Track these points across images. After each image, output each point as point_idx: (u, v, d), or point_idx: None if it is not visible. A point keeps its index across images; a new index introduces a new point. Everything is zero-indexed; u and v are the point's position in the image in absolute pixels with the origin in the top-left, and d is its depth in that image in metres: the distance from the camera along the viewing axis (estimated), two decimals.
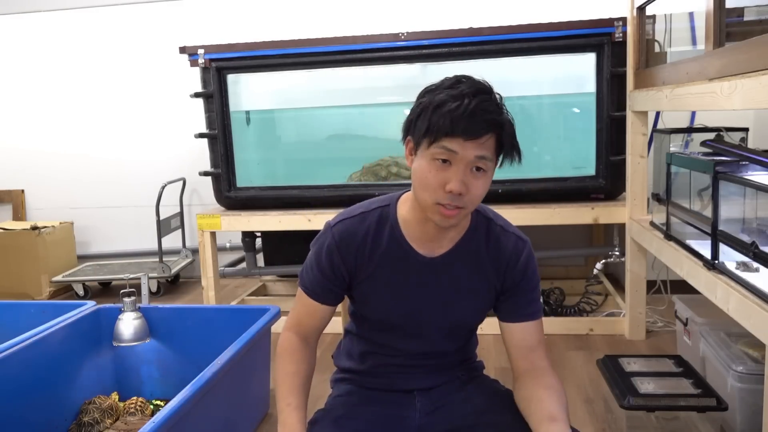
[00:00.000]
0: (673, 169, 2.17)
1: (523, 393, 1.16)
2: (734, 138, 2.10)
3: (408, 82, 3.07)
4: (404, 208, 1.18)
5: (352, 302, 1.28)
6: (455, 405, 1.24)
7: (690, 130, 2.41)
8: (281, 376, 1.19)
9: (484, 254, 1.19)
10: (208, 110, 3.07)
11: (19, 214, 4.21)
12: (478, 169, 1.07)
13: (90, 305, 2.16)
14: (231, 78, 3.06)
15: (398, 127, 1.16)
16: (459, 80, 1.08)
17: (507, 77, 2.96)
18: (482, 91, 1.07)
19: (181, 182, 3.90)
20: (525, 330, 1.20)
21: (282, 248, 3.39)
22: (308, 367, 1.21)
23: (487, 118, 1.04)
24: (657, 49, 2.59)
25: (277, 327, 2.66)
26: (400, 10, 3.61)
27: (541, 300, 1.24)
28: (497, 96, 1.09)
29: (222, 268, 3.35)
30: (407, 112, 1.14)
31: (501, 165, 1.12)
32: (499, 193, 2.87)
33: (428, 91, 1.10)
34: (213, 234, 3.11)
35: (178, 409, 1.39)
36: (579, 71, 2.86)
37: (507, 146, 1.08)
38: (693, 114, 3.13)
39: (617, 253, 2.95)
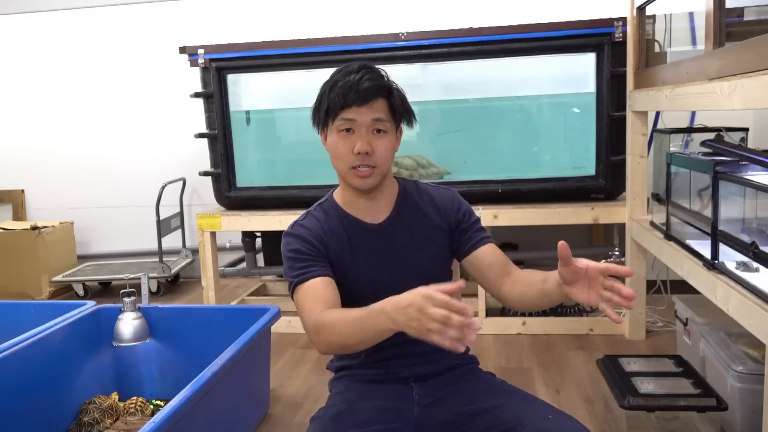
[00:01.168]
0: (673, 169, 2.17)
1: (513, 285, 1.26)
2: (734, 138, 2.10)
3: (408, 82, 3.03)
4: (338, 195, 1.34)
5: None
6: (453, 396, 1.25)
7: (690, 130, 2.41)
8: (344, 314, 1.10)
9: (423, 206, 1.33)
10: (208, 110, 3.07)
11: (19, 214, 4.21)
12: (379, 131, 1.22)
13: (90, 305, 2.16)
14: (231, 78, 3.06)
15: None
16: (347, 65, 1.26)
17: (507, 77, 2.96)
18: (366, 66, 1.23)
19: (181, 182, 3.90)
20: (490, 250, 1.31)
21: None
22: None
23: (372, 85, 1.20)
24: (657, 49, 2.59)
25: (277, 327, 2.68)
26: (400, 10, 3.61)
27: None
28: (382, 71, 1.25)
29: (222, 268, 3.35)
30: None
31: (399, 128, 1.27)
32: (499, 193, 2.87)
33: (324, 82, 1.26)
34: (213, 234, 3.11)
35: (178, 409, 1.39)
36: (579, 71, 2.86)
37: (399, 109, 1.25)
38: (693, 114, 3.13)
39: (617, 253, 2.95)
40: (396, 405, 1.25)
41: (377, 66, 1.26)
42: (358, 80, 1.20)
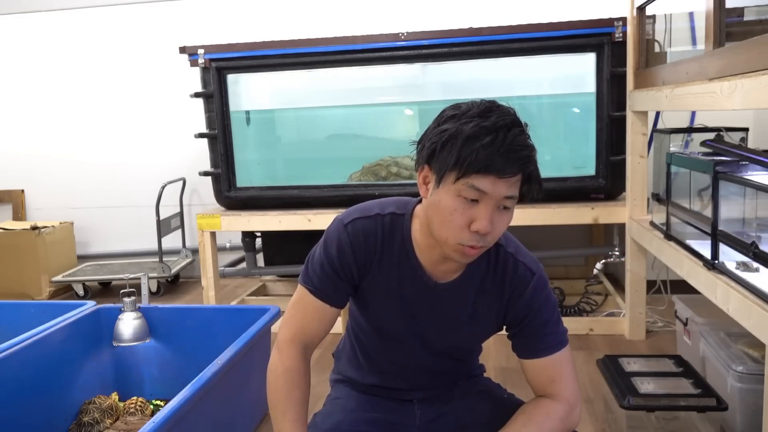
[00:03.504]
0: (673, 169, 2.17)
1: (529, 403, 1.14)
2: (734, 138, 2.10)
3: (408, 82, 3.07)
4: (417, 224, 1.10)
5: (353, 305, 1.24)
6: (458, 413, 1.22)
7: (690, 130, 2.41)
8: (282, 401, 1.09)
9: (489, 282, 1.12)
10: (208, 110, 3.07)
11: (19, 214, 4.21)
12: (505, 207, 1.00)
13: (90, 305, 2.16)
14: (231, 78, 3.06)
15: (398, 126, 1.10)
16: (489, 108, 0.98)
17: (507, 77, 2.96)
18: (515, 123, 0.97)
19: (181, 182, 3.90)
20: (539, 366, 1.12)
21: (282, 248, 3.39)
22: (307, 389, 1.14)
23: (522, 156, 0.96)
24: (657, 49, 2.59)
25: (277, 327, 2.66)
26: (400, 10, 3.60)
27: (559, 330, 1.14)
28: (525, 124, 1.00)
29: (222, 268, 3.35)
30: (408, 111, 1.08)
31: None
32: None
33: (453, 117, 0.99)
34: (213, 234, 3.11)
35: (178, 409, 1.38)
36: (579, 71, 2.86)
37: (534, 182, 1.00)
38: (693, 114, 3.13)
39: (617, 253, 2.95)
40: (397, 419, 1.22)
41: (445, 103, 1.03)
42: (507, 146, 0.94)
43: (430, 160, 1.01)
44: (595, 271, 3.00)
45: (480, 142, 0.94)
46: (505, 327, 1.17)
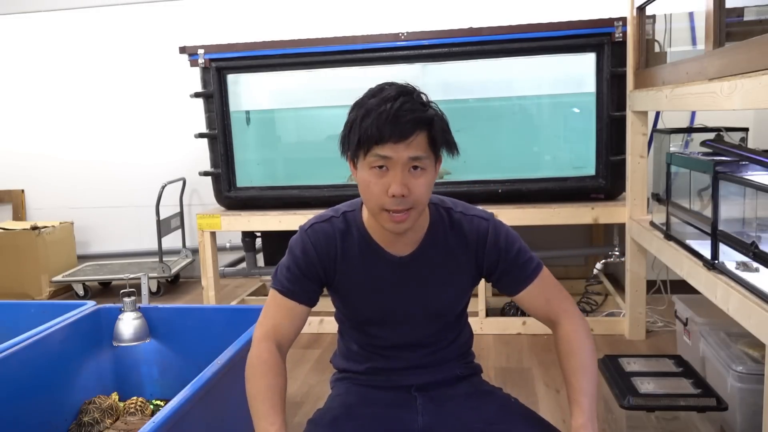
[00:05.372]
0: (673, 169, 2.17)
1: (557, 344, 1.20)
2: (734, 138, 2.10)
3: (408, 82, 3.06)
4: (366, 212, 1.21)
5: (334, 304, 1.30)
6: (463, 412, 1.22)
7: (690, 130, 2.41)
8: (261, 391, 1.12)
9: (452, 243, 1.21)
10: (208, 110, 3.07)
11: (19, 214, 4.21)
12: (416, 168, 1.08)
13: (90, 305, 2.16)
14: (231, 78, 3.06)
15: None
16: (381, 88, 1.10)
17: (507, 77, 2.96)
18: (404, 92, 1.08)
19: (181, 182, 3.90)
20: (531, 294, 1.22)
21: (282, 248, 3.34)
22: (284, 381, 1.16)
23: (411, 118, 1.05)
24: (657, 49, 2.59)
25: None
26: (400, 10, 3.61)
27: (531, 255, 1.24)
28: (422, 95, 1.11)
29: (222, 268, 3.35)
30: None
31: (438, 158, 1.14)
32: (499, 193, 2.87)
33: (354, 107, 1.12)
34: (213, 234, 3.11)
35: (178, 409, 1.38)
36: (579, 71, 2.86)
37: (440, 141, 1.10)
38: (693, 114, 3.13)
39: (617, 253, 2.95)
40: (398, 413, 1.23)
41: (408, 86, 1.12)
42: (395, 111, 1.05)
43: (345, 149, 1.14)
44: (595, 271, 3.00)
45: (371, 117, 1.06)
46: (484, 278, 1.26)
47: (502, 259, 1.21)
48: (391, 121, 1.04)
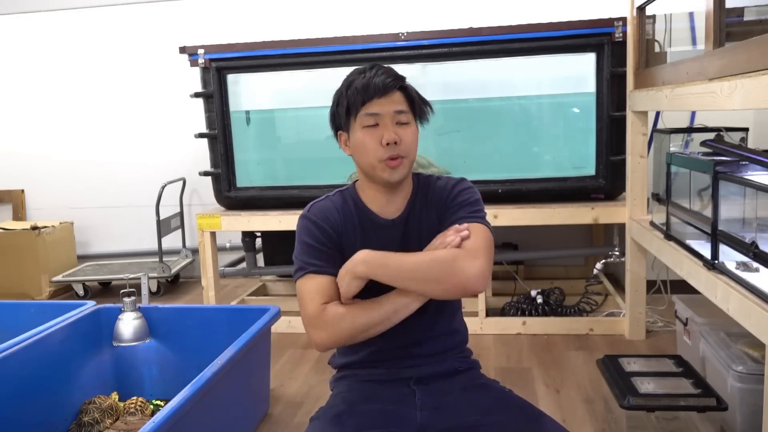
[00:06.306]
0: (673, 169, 2.17)
1: None
2: (734, 138, 2.10)
3: (408, 81, 3.06)
4: (360, 187, 1.35)
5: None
6: (458, 404, 1.24)
7: (690, 130, 2.41)
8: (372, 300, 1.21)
9: (431, 202, 1.33)
10: (208, 110, 3.07)
11: (19, 214, 4.21)
12: (401, 123, 1.25)
13: (90, 305, 2.16)
14: (231, 78, 3.06)
15: None
16: (356, 68, 1.30)
17: (507, 77, 2.96)
18: (376, 64, 1.28)
19: (181, 182, 3.90)
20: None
21: (282, 248, 3.39)
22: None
23: (388, 76, 1.25)
24: (657, 49, 2.59)
25: (277, 327, 2.67)
26: (400, 10, 3.61)
27: (478, 208, 1.30)
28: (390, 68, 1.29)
29: (222, 268, 3.35)
30: None
31: (422, 120, 1.31)
32: (499, 193, 2.87)
33: (340, 86, 1.30)
34: (213, 234, 3.11)
35: (178, 409, 1.39)
36: (579, 71, 2.86)
37: (416, 98, 1.29)
38: (693, 114, 3.13)
39: (617, 253, 2.95)
40: (397, 408, 1.24)
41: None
42: (373, 75, 1.24)
43: (337, 123, 1.31)
44: (595, 271, 3.00)
45: (356, 84, 1.25)
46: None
47: (449, 204, 1.30)
48: (373, 81, 1.23)
